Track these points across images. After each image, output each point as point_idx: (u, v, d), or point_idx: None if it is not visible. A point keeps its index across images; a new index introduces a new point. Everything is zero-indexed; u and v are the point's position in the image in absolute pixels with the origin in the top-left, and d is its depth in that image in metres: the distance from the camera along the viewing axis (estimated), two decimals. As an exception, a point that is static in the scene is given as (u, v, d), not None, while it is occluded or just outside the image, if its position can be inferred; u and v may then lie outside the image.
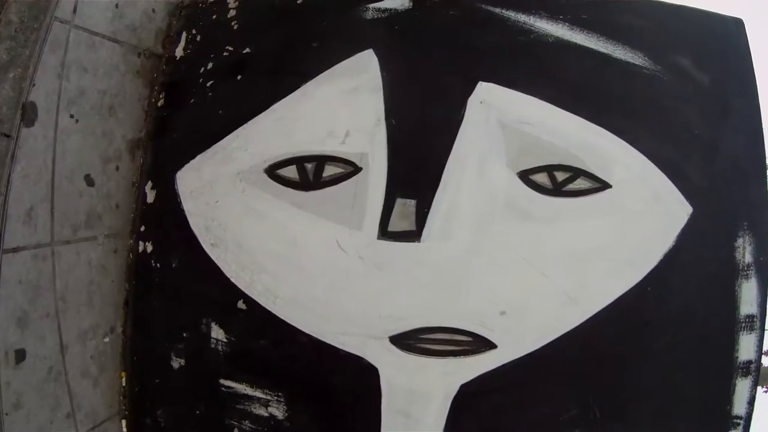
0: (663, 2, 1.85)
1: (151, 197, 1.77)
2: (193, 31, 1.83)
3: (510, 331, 1.62)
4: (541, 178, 1.64)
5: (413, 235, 1.60)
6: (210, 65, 1.78)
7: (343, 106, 1.64)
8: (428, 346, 1.62)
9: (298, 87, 1.68)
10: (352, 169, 1.62)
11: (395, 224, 1.60)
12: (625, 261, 1.68)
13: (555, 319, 1.64)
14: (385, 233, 1.60)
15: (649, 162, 1.73)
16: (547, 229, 1.63)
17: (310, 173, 1.63)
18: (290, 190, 1.65)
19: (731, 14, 1.91)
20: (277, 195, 1.64)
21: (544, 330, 1.64)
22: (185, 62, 1.81)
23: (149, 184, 1.78)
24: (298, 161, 1.63)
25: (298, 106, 1.66)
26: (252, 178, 1.66)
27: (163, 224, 1.75)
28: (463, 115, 1.63)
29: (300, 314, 1.64)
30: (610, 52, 1.74)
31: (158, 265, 1.75)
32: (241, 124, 1.70)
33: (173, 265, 1.73)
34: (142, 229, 1.77)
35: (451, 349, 1.62)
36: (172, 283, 1.74)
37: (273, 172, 1.65)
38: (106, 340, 1.85)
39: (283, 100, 1.68)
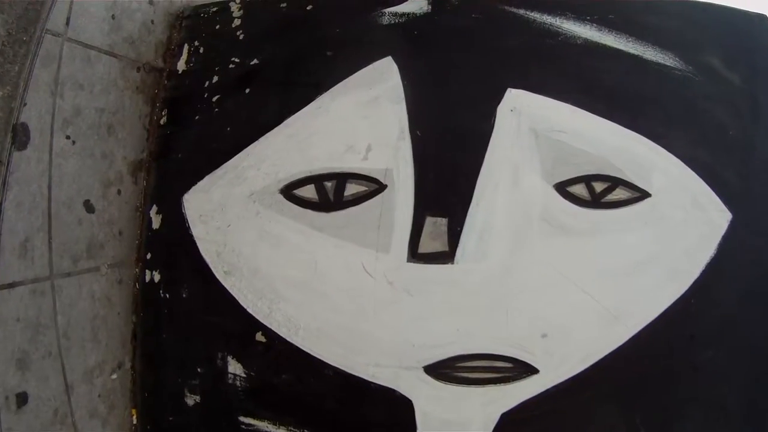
0: (689, 0, 1.57)
1: (156, 223, 1.44)
2: (196, 43, 1.50)
3: (552, 355, 1.32)
4: (579, 190, 1.34)
5: (446, 257, 1.28)
6: (215, 79, 1.44)
7: (362, 118, 1.31)
8: (466, 374, 1.33)
9: (312, 100, 1.37)
10: (376, 186, 1.30)
11: (426, 245, 1.27)
12: (668, 273, 1.42)
13: (599, 339, 1.36)
14: (415, 255, 1.27)
15: (687, 167, 1.46)
16: (586, 244, 1.32)
17: (330, 192, 1.30)
18: (309, 211, 1.32)
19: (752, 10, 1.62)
20: (295, 217, 1.31)
21: (588, 351, 1.36)
22: (188, 76, 1.48)
23: (154, 208, 1.46)
24: (317, 180, 1.30)
25: (313, 121, 1.34)
26: (266, 200, 1.32)
27: (170, 251, 1.43)
28: (493, 124, 1.32)
29: (325, 345, 1.31)
30: (640, 54, 1.49)
31: (167, 295, 1.42)
32: (252, 142, 1.39)
33: (183, 296, 1.41)
34: (148, 257, 1.45)
35: (490, 377, 1.33)
36: (183, 315, 1.42)
37: (289, 192, 1.32)
38: (114, 376, 1.55)
39: (296, 114, 1.36)
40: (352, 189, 1.36)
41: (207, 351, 1.46)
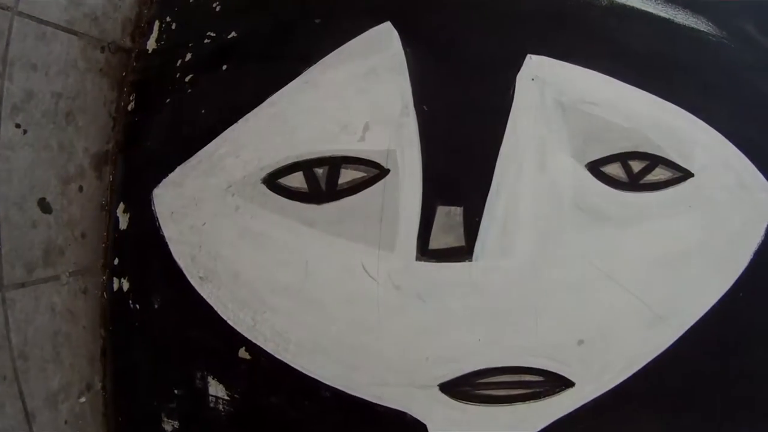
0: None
1: (124, 222, 0.99)
2: (168, 19, 1.06)
3: (590, 364, 0.90)
4: (615, 170, 0.91)
5: (462, 253, 0.83)
6: (188, 56, 0.99)
7: (358, 93, 0.86)
8: (489, 392, 0.89)
9: (299, 74, 0.88)
10: (376, 171, 0.83)
11: (438, 240, 0.82)
12: (716, 264, 1.05)
13: (642, 343, 0.99)
14: (425, 252, 0.81)
15: (729, 143, 1.01)
16: (626, 232, 0.89)
17: (321, 180, 0.83)
18: (297, 203, 0.86)
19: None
20: (281, 211, 0.84)
21: (631, 358, 0.99)
22: (159, 55, 1.03)
23: (121, 206, 1.01)
24: (305, 166, 0.84)
25: (300, 98, 0.88)
26: (247, 192, 0.86)
27: (140, 255, 0.99)
28: (513, 95, 0.87)
29: (321, 363, 0.85)
30: (671, 17, 1.11)
31: (137, 306, 0.97)
32: (229, 125, 0.90)
33: (155, 306, 0.97)
34: (116, 262, 1.01)
35: (518, 393, 0.93)
36: (155, 329, 0.99)
37: (273, 181, 0.87)
38: (83, 400, 1.16)
39: (280, 91, 0.91)
40: (347, 176, 0.91)
41: (184, 370, 1.01)
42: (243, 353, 1.00)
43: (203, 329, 1.02)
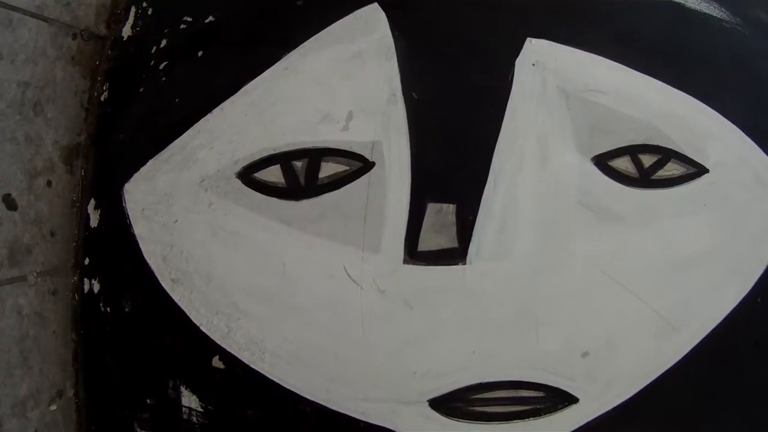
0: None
1: (95, 220, 0.84)
2: (144, 4, 0.90)
3: (596, 378, 0.71)
4: (624, 164, 0.73)
5: (455, 255, 0.64)
6: (163, 42, 0.83)
7: (342, 79, 0.68)
8: (484, 408, 0.73)
9: (279, 59, 0.70)
10: (360, 164, 0.66)
11: (428, 241, 0.63)
12: (733, 267, 0.90)
13: (653, 355, 0.82)
14: (414, 254, 0.62)
15: (744, 136, 0.82)
16: (636, 233, 0.71)
17: (300, 174, 0.66)
18: (274, 199, 0.68)
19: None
20: (256, 208, 0.66)
21: (640, 371, 0.80)
22: (134, 43, 0.86)
23: (92, 202, 0.86)
24: (283, 159, 0.67)
25: (279, 85, 0.71)
26: (221, 187, 0.68)
27: (111, 255, 0.81)
28: (511, 82, 0.67)
29: (300, 374, 0.67)
30: (683, 1, 0.91)
31: (108, 309, 0.82)
32: (204, 115, 0.70)
33: (126, 310, 0.83)
34: (87, 262, 0.84)
35: (516, 410, 0.74)
36: (126, 334, 0.80)
37: (249, 176, 0.69)
38: (53, 407, 1.02)
39: (257, 78, 0.71)
40: (328, 169, 0.75)
41: (156, 378, 0.85)
42: (217, 362, 0.84)
43: (175, 335, 0.86)
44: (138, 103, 0.95)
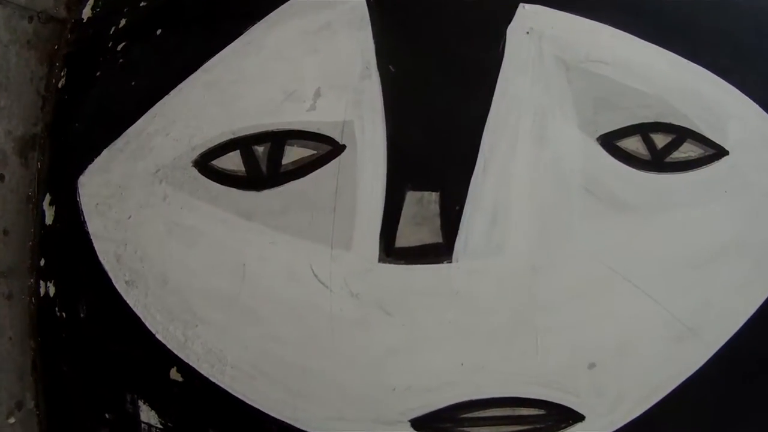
0: None
1: (50, 217, 0.64)
2: None
3: (603, 393, 0.49)
4: (634, 145, 0.50)
5: (439, 252, 0.42)
6: (122, 22, 0.60)
7: (309, 52, 0.47)
8: (475, 429, 0.45)
9: (240, 34, 0.46)
10: (328, 148, 0.44)
11: (408, 235, 0.41)
12: (756, 262, 0.66)
13: (669, 365, 0.56)
14: (391, 251, 0.41)
15: (765, 114, 0.52)
16: (648, 223, 0.48)
17: (261, 161, 0.45)
18: (233, 190, 0.46)
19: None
20: (214, 200, 0.45)
21: (653, 383, 0.54)
22: (93, 24, 0.65)
23: (48, 197, 0.61)
24: (243, 143, 0.44)
25: (241, 62, 0.50)
26: (177, 177, 0.48)
27: (65, 255, 0.59)
28: (503, 52, 0.43)
29: (264, 390, 0.46)
30: None
31: (64, 314, 0.62)
32: (161, 98, 0.48)
33: (81, 315, 0.60)
34: (42, 263, 0.61)
35: (513, 431, 0.39)
36: (82, 341, 0.59)
37: (206, 164, 0.48)
38: (12, 420, 0.85)
39: (217, 55, 0.47)
40: (293, 154, 0.56)
41: (113, 391, 0.67)
42: (174, 374, 0.66)
43: (131, 344, 0.68)
44: (95, 88, 0.77)
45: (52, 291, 0.78)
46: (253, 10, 0.71)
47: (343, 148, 0.62)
